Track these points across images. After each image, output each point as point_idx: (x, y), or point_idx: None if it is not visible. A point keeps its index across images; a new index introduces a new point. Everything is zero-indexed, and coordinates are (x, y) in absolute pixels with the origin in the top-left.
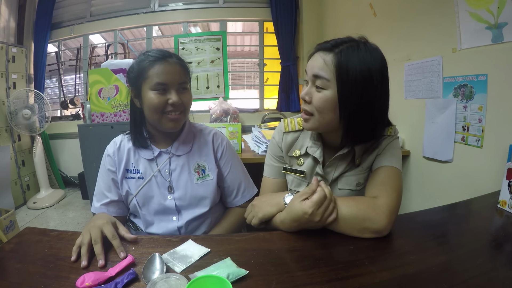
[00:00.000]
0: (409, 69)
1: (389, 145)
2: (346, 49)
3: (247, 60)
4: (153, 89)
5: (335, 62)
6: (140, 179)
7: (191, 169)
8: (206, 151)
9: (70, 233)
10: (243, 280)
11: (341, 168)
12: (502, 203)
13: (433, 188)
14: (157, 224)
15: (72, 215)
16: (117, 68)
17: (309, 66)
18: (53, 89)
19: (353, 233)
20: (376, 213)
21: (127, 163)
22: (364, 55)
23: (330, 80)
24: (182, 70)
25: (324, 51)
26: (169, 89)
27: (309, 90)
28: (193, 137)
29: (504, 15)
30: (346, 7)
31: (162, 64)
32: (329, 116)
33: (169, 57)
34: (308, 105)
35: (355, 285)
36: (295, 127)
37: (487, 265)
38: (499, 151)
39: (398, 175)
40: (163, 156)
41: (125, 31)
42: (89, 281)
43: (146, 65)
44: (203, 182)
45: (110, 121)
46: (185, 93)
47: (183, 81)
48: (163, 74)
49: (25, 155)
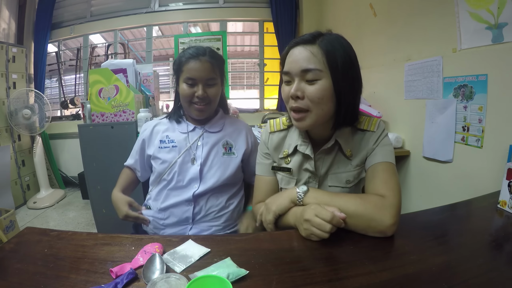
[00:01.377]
0: (409, 69)
1: (381, 142)
2: (326, 38)
3: (247, 60)
4: (184, 81)
5: (323, 51)
6: (174, 148)
7: (220, 144)
8: (237, 135)
9: (70, 233)
10: (243, 280)
11: (328, 162)
12: (502, 203)
13: (433, 188)
14: (177, 193)
15: (72, 215)
16: (117, 68)
17: (292, 63)
18: (53, 89)
19: (357, 230)
20: (383, 213)
21: (161, 135)
22: (342, 42)
23: (322, 70)
24: (211, 67)
25: (305, 44)
26: (198, 83)
27: (298, 86)
28: (224, 121)
29: (504, 15)
30: (346, 7)
31: (194, 62)
32: (327, 106)
33: (202, 55)
34: (301, 101)
35: (355, 285)
36: (280, 127)
37: (487, 265)
38: (499, 151)
39: (395, 170)
40: (196, 131)
41: (125, 31)
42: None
43: (182, 60)
44: (227, 157)
45: (110, 121)
46: (212, 88)
47: (211, 77)
48: (193, 70)
49: (25, 155)
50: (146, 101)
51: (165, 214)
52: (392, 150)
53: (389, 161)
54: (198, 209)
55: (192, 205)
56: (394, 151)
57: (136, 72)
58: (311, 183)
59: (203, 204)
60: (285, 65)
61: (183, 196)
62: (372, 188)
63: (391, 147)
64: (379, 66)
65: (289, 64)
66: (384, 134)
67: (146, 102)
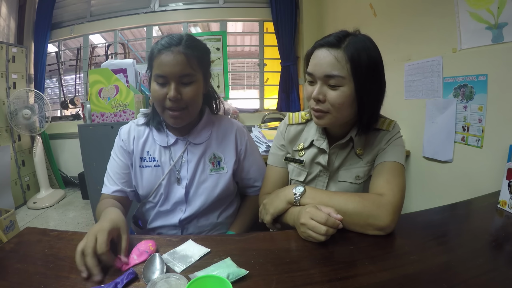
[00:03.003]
0: (409, 69)
1: (394, 142)
2: (352, 42)
3: (247, 60)
4: (155, 79)
5: (347, 57)
6: (157, 167)
7: (206, 159)
8: (225, 144)
9: (70, 233)
10: (243, 280)
11: (342, 157)
12: (502, 203)
13: (433, 188)
14: (164, 216)
15: (72, 215)
16: (117, 68)
17: (316, 66)
18: (53, 89)
19: (356, 228)
20: (380, 210)
21: (142, 151)
22: (368, 45)
23: (345, 77)
24: (186, 60)
25: (330, 48)
26: (169, 82)
27: (321, 89)
28: (212, 127)
29: (504, 15)
30: (346, 7)
31: (165, 54)
32: (347, 112)
33: (176, 45)
34: (322, 104)
35: (355, 285)
36: (299, 120)
37: (487, 265)
38: (499, 151)
39: (403, 171)
40: (179, 144)
41: (125, 31)
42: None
43: (154, 52)
44: (216, 174)
45: (110, 121)
46: (188, 87)
47: (186, 74)
48: (163, 65)
49: (25, 155)
50: (146, 101)
51: (154, 233)
52: (403, 151)
53: (398, 161)
54: (186, 232)
55: (180, 229)
56: (405, 152)
57: (136, 72)
58: (321, 177)
59: (193, 228)
60: (309, 65)
61: (169, 220)
62: (374, 187)
63: (403, 149)
64: None
65: (313, 66)
66: (398, 135)
67: (146, 102)
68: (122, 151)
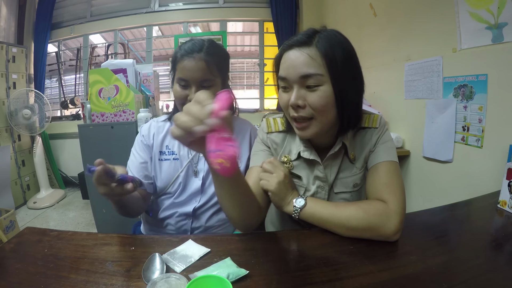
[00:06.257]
0: (409, 69)
1: (381, 139)
2: (322, 37)
3: (247, 60)
4: (177, 82)
5: (321, 53)
6: (176, 160)
7: None
8: (240, 140)
9: (70, 233)
10: (243, 280)
11: (336, 167)
12: (502, 203)
13: (433, 188)
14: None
15: (72, 215)
16: (117, 68)
17: (289, 68)
18: (53, 89)
19: (362, 238)
20: (387, 222)
21: (161, 145)
22: (340, 38)
23: (323, 75)
24: (206, 67)
25: (300, 47)
26: (190, 85)
27: (298, 93)
28: None
29: (504, 15)
30: (346, 7)
31: (187, 60)
32: (331, 114)
33: (198, 52)
34: (303, 110)
35: (355, 285)
36: (279, 128)
37: (487, 265)
38: (499, 151)
39: (398, 169)
40: None
41: (125, 31)
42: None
43: (177, 57)
44: None
45: (110, 121)
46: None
47: (206, 79)
48: (185, 70)
49: (25, 155)
50: (146, 101)
51: (163, 223)
52: (393, 146)
53: (391, 160)
54: (196, 224)
55: (191, 219)
56: (395, 146)
57: (136, 72)
58: (320, 193)
59: (203, 221)
60: (280, 70)
61: (182, 209)
62: (374, 192)
63: (392, 143)
64: (379, 66)
65: (285, 69)
66: (385, 130)
67: (146, 102)
68: (142, 146)
